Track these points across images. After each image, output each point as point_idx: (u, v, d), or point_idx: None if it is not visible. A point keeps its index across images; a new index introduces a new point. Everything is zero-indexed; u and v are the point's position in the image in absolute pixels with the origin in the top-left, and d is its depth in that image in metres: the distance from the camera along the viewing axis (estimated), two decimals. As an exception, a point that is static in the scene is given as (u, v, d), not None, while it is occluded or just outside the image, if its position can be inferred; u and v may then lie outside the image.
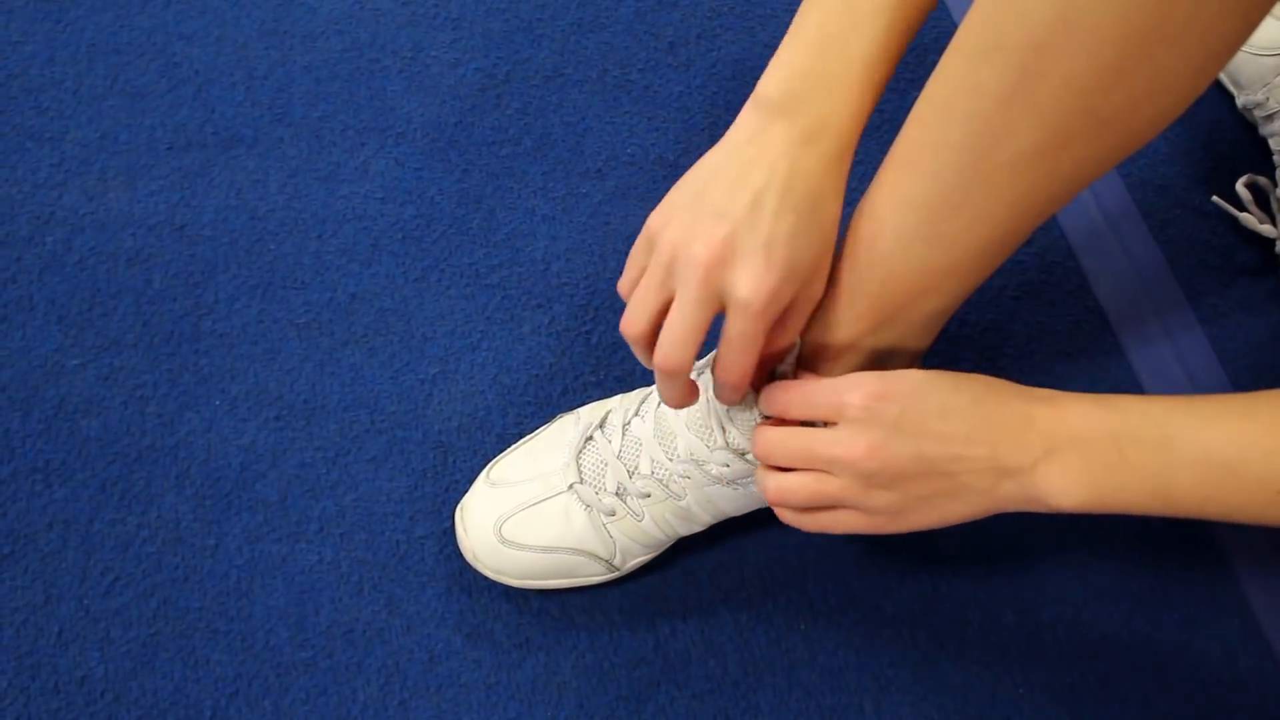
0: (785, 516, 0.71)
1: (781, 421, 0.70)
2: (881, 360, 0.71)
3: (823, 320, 0.69)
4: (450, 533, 0.89)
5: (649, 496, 0.79)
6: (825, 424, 0.67)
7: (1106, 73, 0.53)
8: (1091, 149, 0.57)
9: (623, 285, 0.68)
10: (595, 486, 0.80)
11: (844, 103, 0.63)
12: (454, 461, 0.92)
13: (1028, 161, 0.58)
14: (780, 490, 0.69)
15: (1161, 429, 0.60)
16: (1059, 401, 0.63)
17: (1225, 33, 0.52)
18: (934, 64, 0.60)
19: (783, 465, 0.68)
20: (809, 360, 0.71)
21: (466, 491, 0.86)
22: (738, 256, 0.61)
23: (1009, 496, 0.63)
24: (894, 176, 0.64)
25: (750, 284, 0.61)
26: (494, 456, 0.88)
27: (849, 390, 0.64)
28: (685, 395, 0.68)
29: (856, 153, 0.65)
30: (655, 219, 0.65)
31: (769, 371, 0.71)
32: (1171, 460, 0.60)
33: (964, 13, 0.58)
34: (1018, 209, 0.61)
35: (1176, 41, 0.51)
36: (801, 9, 0.66)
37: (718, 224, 0.62)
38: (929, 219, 0.63)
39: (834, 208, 0.64)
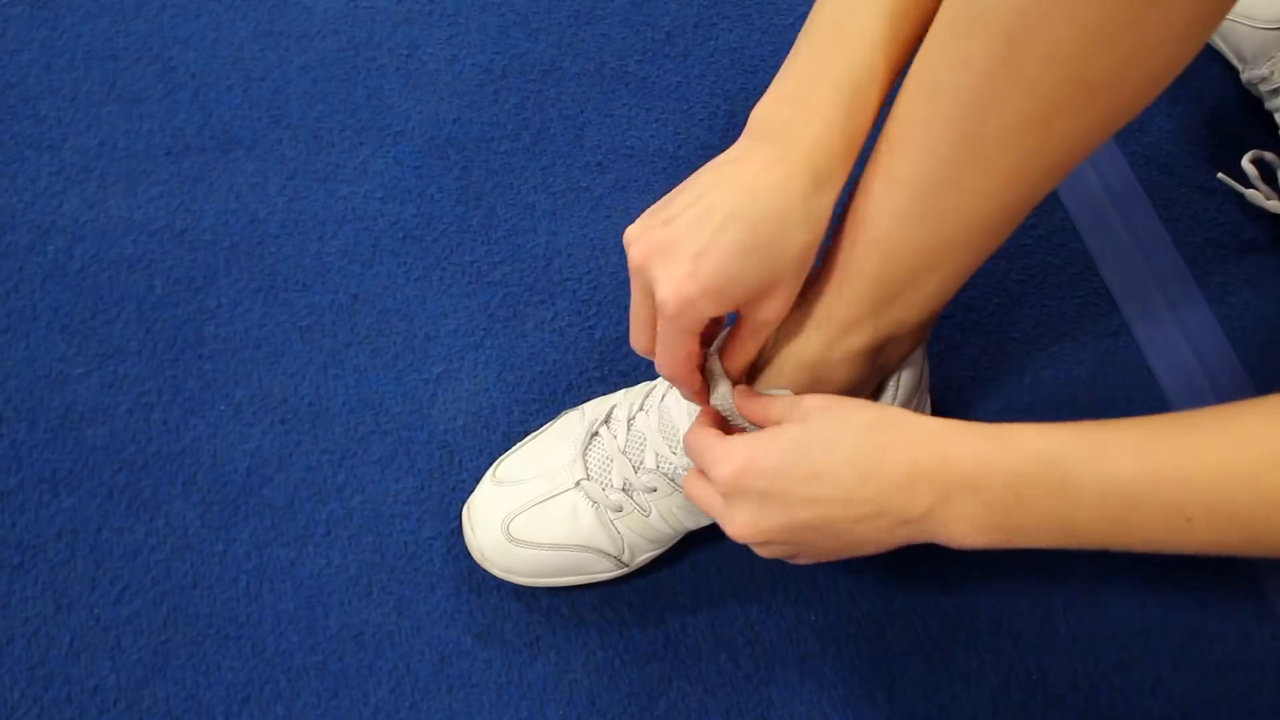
0: None
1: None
2: (882, 343, 0.70)
3: (822, 304, 0.69)
4: (458, 533, 0.88)
5: (655, 491, 0.78)
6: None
7: (1093, 38, 0.52)
8: (1082, 119, 0.57)
9: None
10: (601, 483, 0.80)
11: (824, 127, 0.62)
12: (460, 461, 0.92)
13: (1018, 133, 0.57)
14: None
15: (1058, 466, 0.57)
16: (946, 444, 0.60)
17: None
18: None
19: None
20: (811, 345, 0.71)
21: (473, 491, 0.86)
22: (667, 257, 0.62)
23: (909, 537, 0.62)
24: (886, 156, 0.63)
25: (666, 287, 0.61)
26: (500, 455, 0.88)
27: (718, 465, 0.65)
28: (687, 388, 0.70)
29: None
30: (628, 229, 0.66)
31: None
32: (1072, 499, 0.57)
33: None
34: (1012, 183, 0.60)
35: (1161, 6, 0.50)
36: (799, 36, 0.66)
37: (663, 228, 0.62)
38: (923, 196, 0.62)
39: (802, 236, 0.62)
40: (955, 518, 0.60)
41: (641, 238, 0.63)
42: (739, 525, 0.64)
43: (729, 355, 0.70)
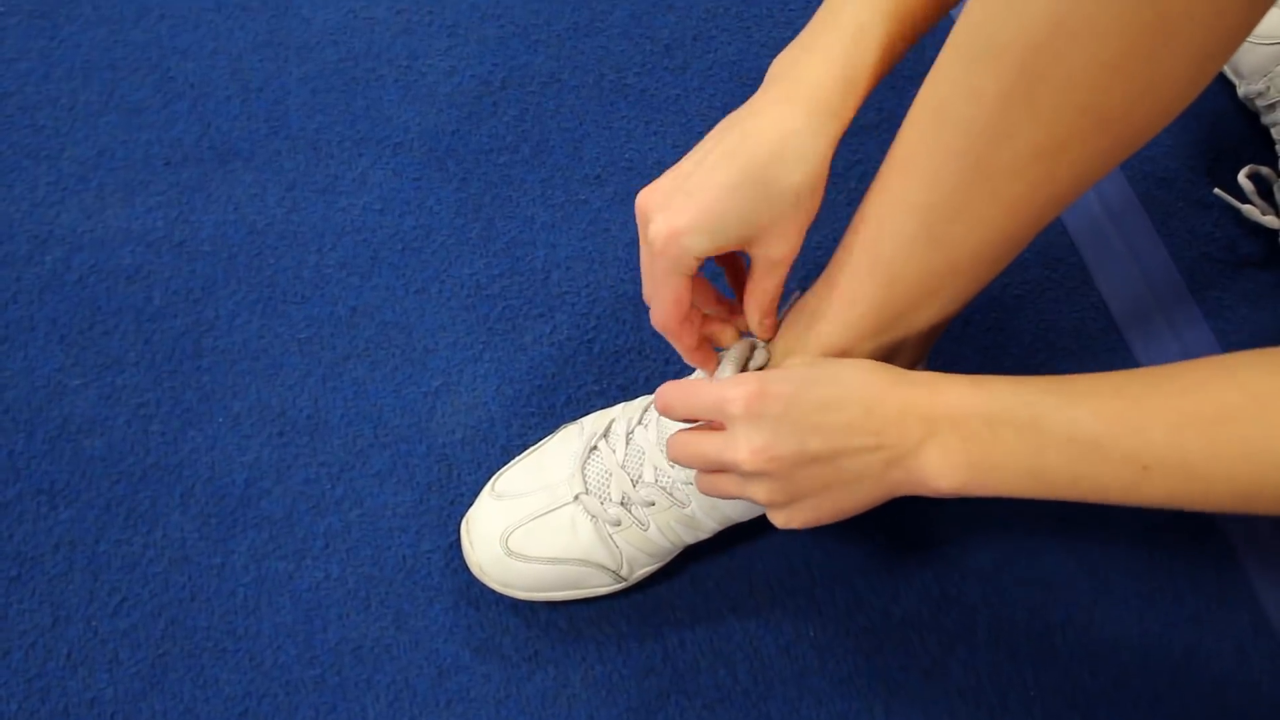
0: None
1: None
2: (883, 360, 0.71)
3: (825, 325, 0.69)
4: (456, 546, 0.88)
5: (653, 505, 0.78)
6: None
7: (1106, 71, 0.52)
8: (1092, 149, 0.57)
9: None
10: (600, 497, 0.80)
11: (823, 68, 0.64)
12: (458, 474, 0.91)
13: (1027, 163, 0.57)
14: (699, 486, 0.74)
15: (1032, 409, 0.61)
16: (937, 385, 0.64)
17: (1225, 29, 0.52)
18: (932, 59, 0.60)
19: (690, 468, 0.72)
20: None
21: (472, 504, 0.86)
22: (661, 197, 0.65)
23: (897, 481, 0.64)
24: (892, 180, 0.64)
25: (658, 222, 0.65)
26: (498, 468, 0.88)
27: (730, 390, 0.66)
28: (685, 348, 0.72)
29: (856, 153, 0.65)
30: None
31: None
32: (1041, 439, 0.60)
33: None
34: (1019, 211, 0.61)
35: (1176, 38, 0.51)
36: None
37: (667, 178, 0.67)
38: (929, 223, 0.63)
39: (798, 172, 0.63)
40: (937, 454, 0.62)
41: (648, 190, 0.67)
42: (752, 450, 0.64)
43: (748, 299, 0.71)
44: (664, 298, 0.68)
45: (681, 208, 0.64)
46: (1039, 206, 0.61)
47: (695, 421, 0.71)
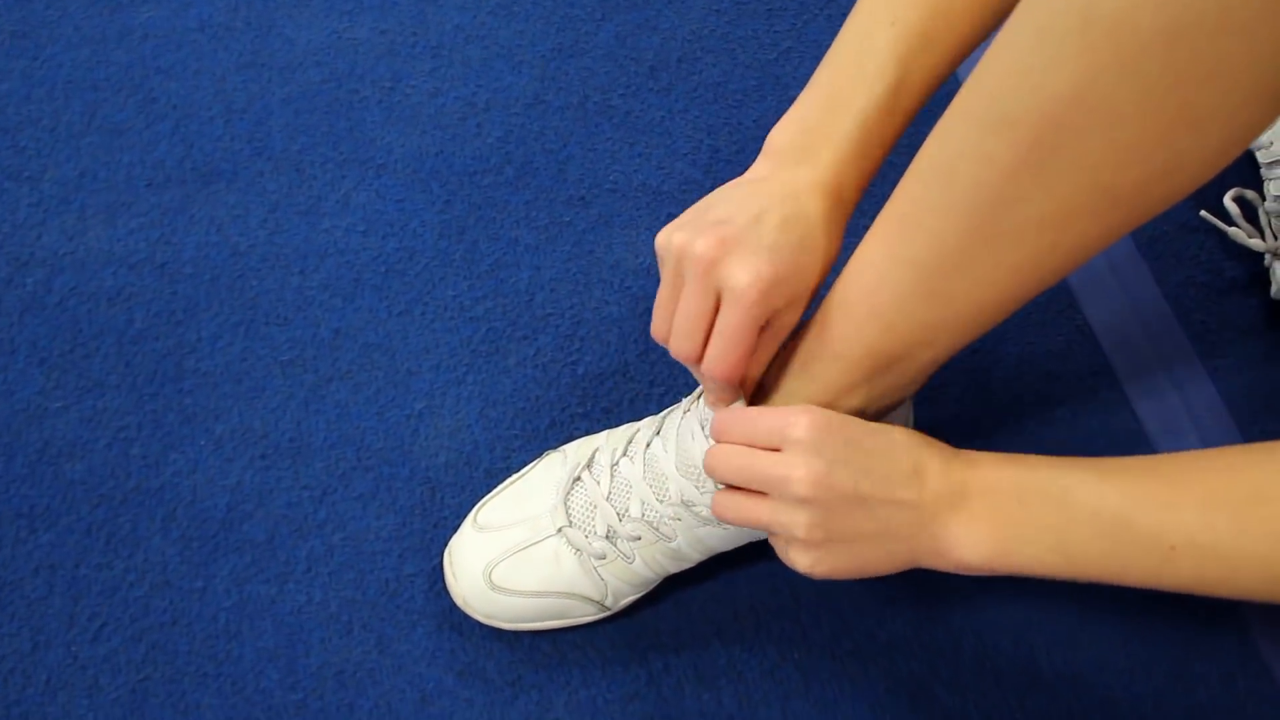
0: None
1: None
2: (873, 404, 0.70)
3: (819, 366, 0.69)
4: (439, 570, 0.88)
5: (639, 539, 0.78)
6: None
7: (1122, 152, 0.51)
8: (1101, 223, 0.56)
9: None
10: (585, 530, 0.79)
11: (844, 156, 0.66)
12: (442, 498, 0.91)
13: (1034, 230, 0.57)
14: (720, 506, 0.71)
15: (1061, 482, 0.61)
16: (974, 458, 0.65)
17: (1249, 120, 0.51)
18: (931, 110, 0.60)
19: (728, 481, 0.70)
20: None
21: (455, 529, 0.86)
22: (739, 251, 0.63)
23: (925, 548, 0.65)
24: (893, 233, 0.64)
25: (748, 274, 0.63)
26: (482, 492, 0.87)
27: (795, 416, 0.65)
28: (723, 394, 0.71)
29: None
30: (661, 237, 0.67)
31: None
32: (1069, 513, 0.61)
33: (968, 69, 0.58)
34: (1022, 273, 0.60)
35: (1198, 126, 0.50)
36: (820, 66, 0.69)
37: (720, 228, 0.64)
38: (928, 278, 0.62)
39: (828, 248, 0.66)
40: (965, 523, 0.63)
41: (702, 236, 0.64)
42: (811, 473, 0.63)
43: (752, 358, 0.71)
44: (737, 349, 0.66)
45: (771, 260, 0.63)
46: (1041, 272, 0.60)
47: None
